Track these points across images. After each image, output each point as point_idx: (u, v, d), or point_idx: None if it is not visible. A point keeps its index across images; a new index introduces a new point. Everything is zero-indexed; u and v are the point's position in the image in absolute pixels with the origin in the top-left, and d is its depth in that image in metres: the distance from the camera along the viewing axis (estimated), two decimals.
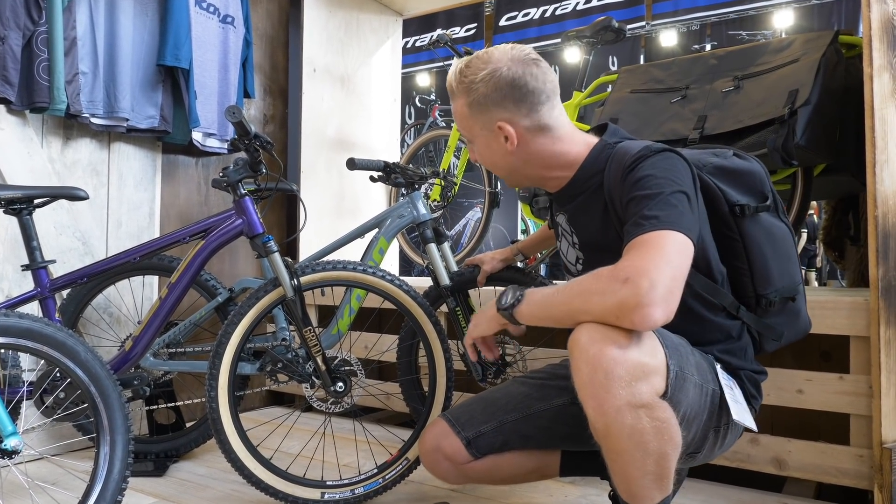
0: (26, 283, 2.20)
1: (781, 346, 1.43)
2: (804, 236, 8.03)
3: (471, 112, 1.36)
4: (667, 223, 1.14)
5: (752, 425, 1.34)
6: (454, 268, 2.16)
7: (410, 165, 2.28)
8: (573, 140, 1.39)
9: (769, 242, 1.34)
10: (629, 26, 6.75)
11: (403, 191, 2.21)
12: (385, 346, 2.64)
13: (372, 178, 2.23)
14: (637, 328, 1.09)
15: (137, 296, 2.57)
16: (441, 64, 8.30)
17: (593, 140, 1.40)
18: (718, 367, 1.31)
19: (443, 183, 3.12)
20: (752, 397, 1.38)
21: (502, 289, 2.14)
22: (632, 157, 1.27)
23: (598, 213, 1.35)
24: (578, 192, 1.39)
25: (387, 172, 2.20)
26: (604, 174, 1.33)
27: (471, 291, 2.14)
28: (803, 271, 8.90)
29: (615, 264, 1.14)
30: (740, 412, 1.31)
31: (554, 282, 1.67)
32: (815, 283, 8.95)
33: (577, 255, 1.45)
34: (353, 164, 2.15)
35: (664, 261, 1.09)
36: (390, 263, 3.81)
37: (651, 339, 1.14)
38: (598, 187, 1.35)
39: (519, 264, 2.06)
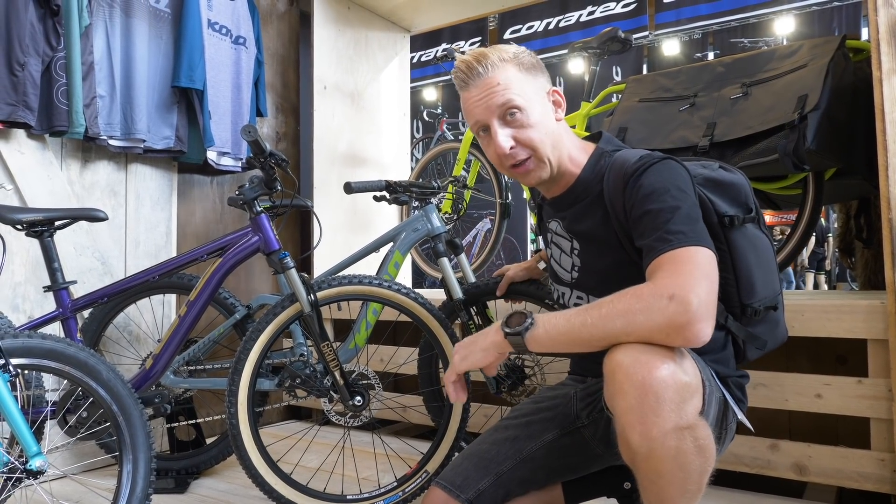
0: (48, 304, 2.23)
1: (763, 354, 1.42)
2: (812, 239, 8.01)
3: (524, 76, 1.33)
4: (694, 239, 1.14)
5: (749, 424, 1.37)
6: (471, 278, 2.17)
7: (420, 180, 2.28)
8: (574, 139, 1.41)
9: (754, 253, 1.34)
10: (632, 36, 6.80)
11: (416, 203, 2.23)
12: (402, 359, 2.65)
13: (375, 198, 2.21)
14: (688, 345, 1.08)
15: (157, 314, 2.59)
16: (448, 77, 8.35)
17: (590, 146, 1.41)
18: (712, 372, 1.32)
19: (454, 195, 3.14)
20: (739, 401, 1.38)
21: (518, 303, 2.16)
22: (633, 167, 1.27)
23: (598, 221, 1.35)
24: (578, 199, 1.39)
25: (390, 191, 2.19)
26: (603, 183, 1.33)
27: (489, 303, 2.15)
28: (813, 274, 8.86)
29: (652, 282, 1.12)
30: (741, 413, 1.34)
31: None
32: (825, 286, 8.90)
33: (574, 262, 1.43)
34: (349, 189, 2.12)
35: (704, 276, 1.10)
36: (403, 276, 3.83)
37: (687, 357, 1.13)
38: (598, 195, 1.35)
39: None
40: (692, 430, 1.07)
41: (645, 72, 7.13)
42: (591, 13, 7.55)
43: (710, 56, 6.96)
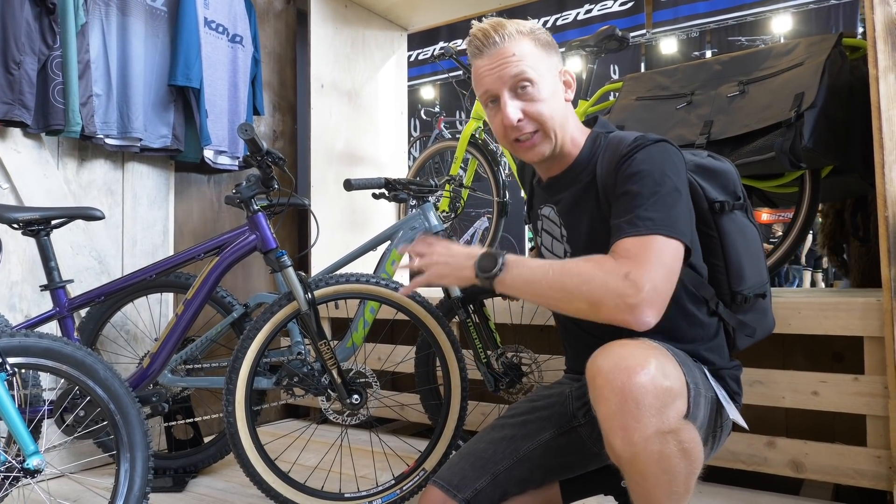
0: (45, 303, 2.23)
1: (752, 342, 1.44)
2: (809, 237, 8.00)
3: (539, 52, 1.32)
4: (663, 227, 1.15)
5: (744, 423, 1.37)
6: None
7: (418, 178, 2.29)
8: (577, 121, 1.41)
9: (743, 240, 1.36)
10: (630, 35, 6.80)
11: (413, 202, 2.23)
12: (399, 358, 2.65)
13: (374, 196, 2.23)
14: (628, 327, 1.10)
15: (154, 313, 2.59)
16: (445, 76, 8.35)
17: (588, 130, 1.42)
18: (705, 369, 1.33)
19: (451, 194, 3.14)
20: (735, 394, 1.38)
21: (515, 301, 2.16)
22: (627, 146, 1.27)
23: (590, 206, 1.35)
24: (572, 182, 1.39)
25: (389, 189, 2.20)
26: (597, 164, 1.34)
27: (486, 300, 2.16)
28: (810, 272, 8.87)
29: (614, 256, 1.15)
30: (734, 412, 1.34)
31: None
32: (822, 285, 8.92)
33: (565, 248, 1.43)
34: (349, 186, 2.13)
35: (663, 266, 1.12)
36: (401, 274, 3.83)
37: (669, 360, 1.14)
38: (591, 179, 1.35)
39: None
40: (675, 434, 1.08)
41: (642, 70, 7.13)
42: (588, 11, 7.55)
43: (708, 54, 6.97)
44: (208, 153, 2.73)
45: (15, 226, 1.90)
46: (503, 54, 1.30)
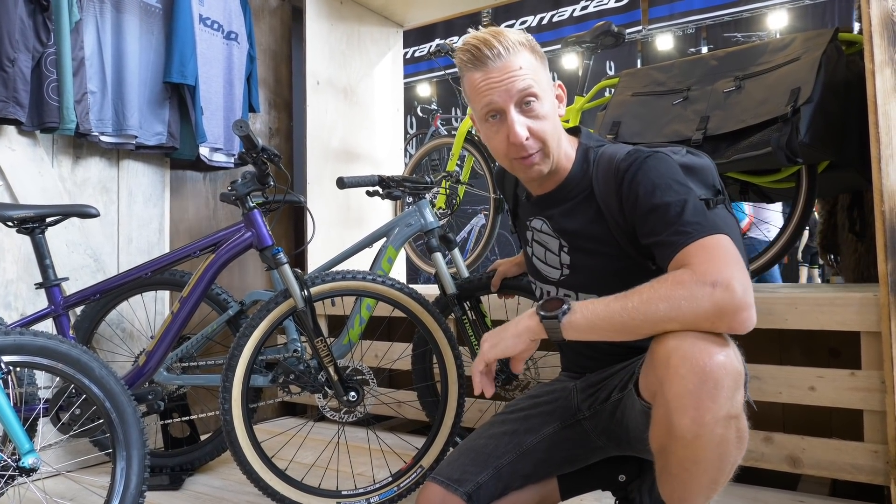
0: (40, 302, 2.22)
1: None
2: (806, 233, 7.98)
3: (539, 64, 1.30)
4: (712, 228, 1.14)
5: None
6: (465, 274, 2.17)
7: (414, 175, 2.28)
8: (565, 134, 1.40)
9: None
10: (626, 31, 6.78)
11: (409, 199, 2.23)
12: (396, 355, 2.65)
13: (368, 193, 2.21)
14: (735, 332, 1.06)
15: (150, 311, 2.58)
16: (441, 73, 8.34)
17: (574, 140, 1.41)
18: None
19: (447, 190, 3.13)
20: None
21: (511, 298, 2.16)
22: (624, 164, 1.26)
23: (590, 218, 1.34)
24: (565, 199, 1.38)
25: (383, 186, 2.18)
26: (592, 180, 1.33)
27: (482, 297, 2.15)
28: (806, 268, 8.87)
29: (689, 269, 1.09)
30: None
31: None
32: (819, 280, 8.93)
33: (563, 260, 1.42)
34: (342, 184, 2.11)
35: (737, 261, 1.09)
36: (398, 272, 3.82)
37: (734, 345, 1.11)
38: (588, 193, 1.34)
39: None
40: (737, 420, 1.06)
41: (639, 66, 7.12)
42: (584, 8, 7.54)
43: (704, 50, 6.97)
44: (204, 150, 2.72)
45: (9, 224, 1.89)
46: (509, 67, 1.26)
